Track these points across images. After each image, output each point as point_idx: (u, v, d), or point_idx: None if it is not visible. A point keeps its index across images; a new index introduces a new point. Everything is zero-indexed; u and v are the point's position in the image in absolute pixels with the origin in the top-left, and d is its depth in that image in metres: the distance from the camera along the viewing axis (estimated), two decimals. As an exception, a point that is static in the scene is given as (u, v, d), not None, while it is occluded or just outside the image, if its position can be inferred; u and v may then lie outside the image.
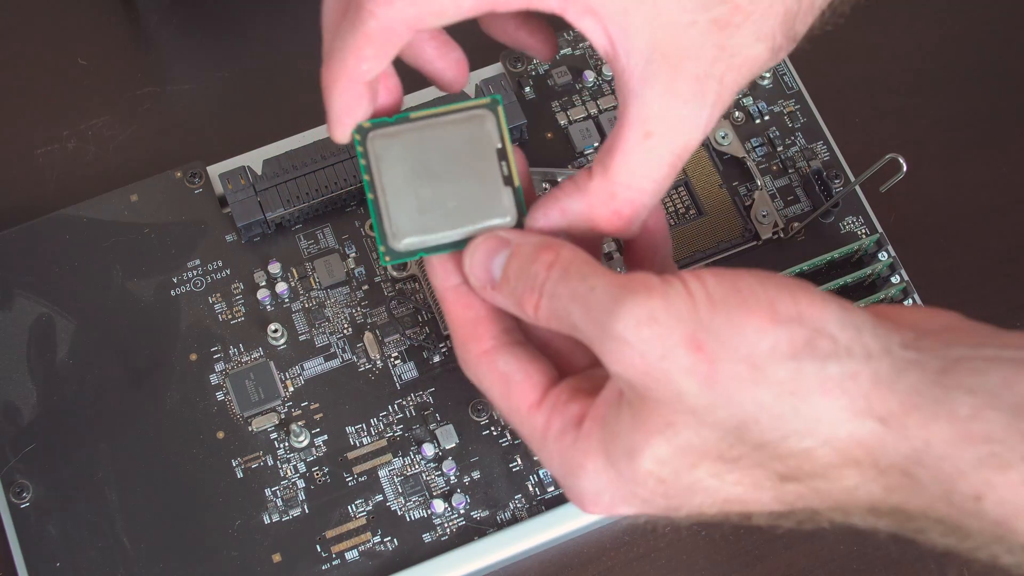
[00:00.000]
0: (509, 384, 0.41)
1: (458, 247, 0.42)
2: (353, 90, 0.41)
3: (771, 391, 0.35)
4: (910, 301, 0.56)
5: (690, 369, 0.35)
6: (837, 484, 0.36)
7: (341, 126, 0.42)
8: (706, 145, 0.59)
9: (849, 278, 0.56)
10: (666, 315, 0.36)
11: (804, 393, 0.35)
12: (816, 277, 0.57)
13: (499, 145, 0.42)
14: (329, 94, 0.41)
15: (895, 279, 0.56)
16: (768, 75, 0.61)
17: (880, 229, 0.58)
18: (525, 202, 0.42)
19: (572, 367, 0.42)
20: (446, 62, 0.45)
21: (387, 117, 0.42)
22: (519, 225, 0.42)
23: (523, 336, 0.43)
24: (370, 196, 0.42)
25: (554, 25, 0.52)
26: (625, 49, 0.39)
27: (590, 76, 0.61)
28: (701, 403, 0.36)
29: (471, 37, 0.45)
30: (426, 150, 0.42)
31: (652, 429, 0.37)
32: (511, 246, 0.40)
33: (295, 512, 0.53)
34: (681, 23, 0.38)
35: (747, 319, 0.35)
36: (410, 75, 0.47)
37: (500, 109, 0.42)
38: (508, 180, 0.42)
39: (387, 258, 0.42)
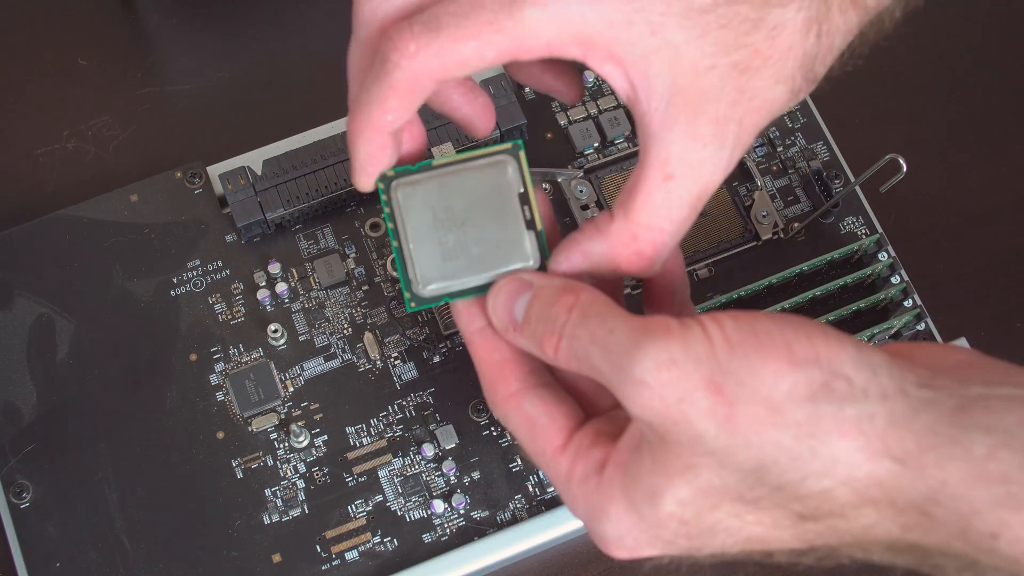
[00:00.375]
0: (535, 427, 0.42)
1: (482, 291, 0.43)
2: (378, 140, 0.41)
3: (789, 433, 0.35)
4: (910, 302, 0.56)
5: (709, 412, 0.36)
6: (855, 523, 0.36)
7: (366, 175, 0.43)
8: (706, 145, 0.59)
9: (849, 278, 0.56)
10: (685, 358, 0.36)
11: (822, 435, 0.35)
12: (816, 277, 0.57)
13: (521, 190, 0.43)
14: (354, 144, 0.42)
15: (895, 279, 0.56)
16: (768, 75, 0.61)
17: (880, 229, 0.58)
18: (548, 244, 0.43)
19: (596, 408, 0.43)
20: (473, 108, 0.45)
21: (410, 165, 0.43)
22: (542, 268, 0.42)
23: (550, 377, 0.43)
24: (395, 244, 0.43)
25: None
26: (646, 94, 0.39)
27: (590, 76, 0.61)
28: (720, 445, 0.36)
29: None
30: (449, 197, 0.43)
31: (673, 472, 0.37)
32: (533, 288, 0.41)
33: (295, 512, 0.53)
34: (701, 68, 0.39)
35: (765, 362, 0.36)
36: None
37: (522, 154, 0.43)
38: (530, 224, 0.43)
39: (412, 304, 0.43)
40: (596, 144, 0.59)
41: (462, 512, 0.53)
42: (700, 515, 0.38)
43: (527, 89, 0.60)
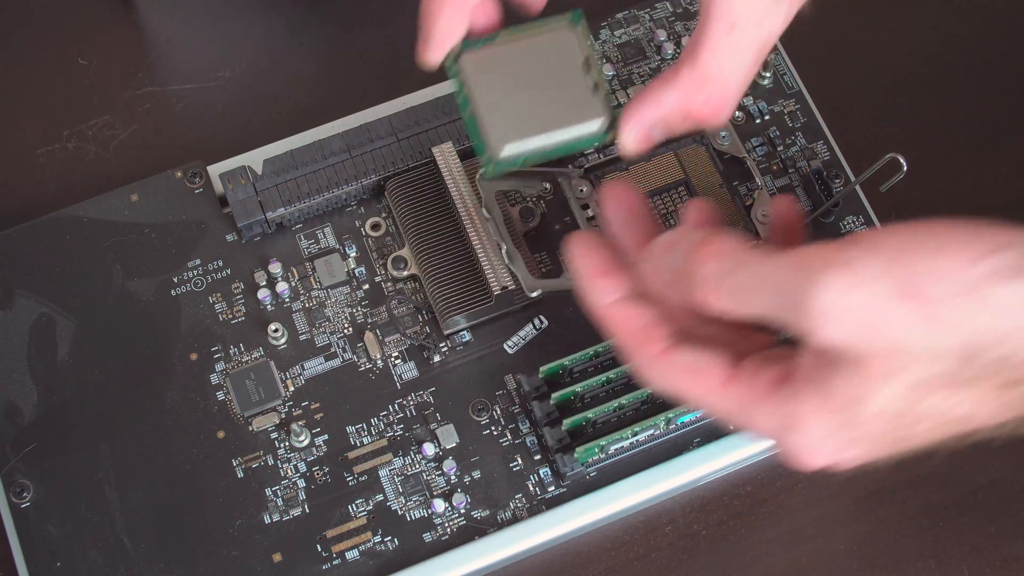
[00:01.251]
0: (696, 372, 0.41)
1: (556, 153, 0.44)
2: (459, 13, 0.44)
3: (994, 315, 0.36)
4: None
5: (909, 318, 0.36)
6: None
7: (440, 49, 0.44)
8: (706, 145, 0.59)
9: (849, 278, 0.56)
10: (870, 275, 0.36)
11: (1017, 309, 0.36)
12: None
13: (584, 56, 0.45)
14: (435, 17, 0.44)
15: (895, 279, 0.56)
16: (768, 75, 0.61)
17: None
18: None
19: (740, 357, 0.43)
20: None
21: (474, 41, 0.44)
22: (612, 126, 0.44)
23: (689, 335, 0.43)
24: (467, 115, 0.44)
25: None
26: None
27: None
28: (928, 344, 0.37)
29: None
30: (517, 66, 0.44)
31: (878, 378, 0.37)
32: (676, 242, 0.41)
33: (295, 512, 0.53)
34: None
35: (953, 256, 0.37)
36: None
37: (582, 23, 0.45)
38: (596, 86, 0.44)
39: (491, 168, 0.44)
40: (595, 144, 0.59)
41: (462, 511, 0.53)
42: (910, 408, 0.38)
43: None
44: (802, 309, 0.37)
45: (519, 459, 0.54)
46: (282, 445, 0.54)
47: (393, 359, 0.56)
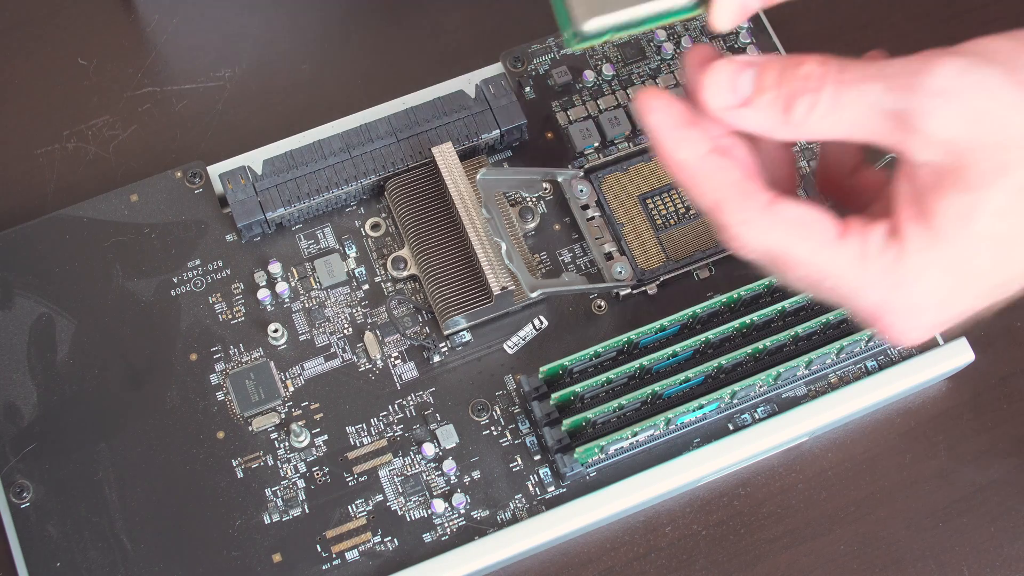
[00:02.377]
0: (807, 226, 0.39)
1: (646, 24, 0.41)
2: None
3: None
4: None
5: (1016, 104, 0.37)
6: None
7: None
8: (706, 145, 0.59)
9: (849, 278, 0.56)
10: (980, 61, 0.37)
11: None
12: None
13: None
14: None
15: (895, 279, 0.56)
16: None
17: (880, 229, 0.58)
18: None
19: None
20: None
21: None
22: (705, 1, 0.41)
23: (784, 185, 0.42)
24: None
25: (551, 29, 0.52)
26: None
27: (590, 76, 0.61)
28: None
29: (471, 37, 0.44)
30: None
31: (984, 182, 0.37)
32: (755, 63, 0.40)
33: (295, 512, 0.53)
34: None
35: None
36: (413, 72, 0.46)
37: None
38: None
39: (576, 40, 0.42)
40: (596, 144, 0.59)
41: (462, 512, 0.53)
42: (1016, 224, 0.38)
43: (527, 89, 0.60)
44: (923, 91, 0.37)
45: (519, 459, 0.54)
46: (282, 445, 0.54)
47: (393, 359, 0.56)
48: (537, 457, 0.54)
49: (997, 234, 0.38)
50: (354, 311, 0.57)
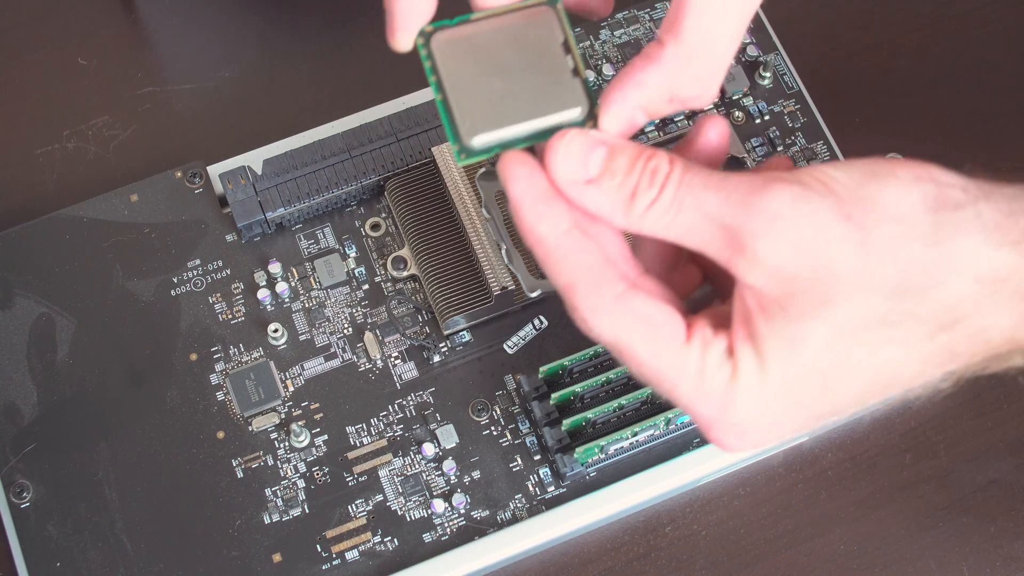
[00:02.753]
0: (653, 326, 0.39)
1: (532, 140, 0.41)
2: None
3: (919, 243, 0.37)
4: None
5: (844, 238, 0.37)
6: (986, 321, 0.38)
7: (408, 31, 0.41)
8: (706, 145, 0.59)
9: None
10: (813, 194, 0.37)
11: (947, 240, 0.38)
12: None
13: (563, 38, 0.42)
14: None
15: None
16: (768, 75, 0.61)
17: (880, 229, 0.58)
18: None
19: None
20: None
21: (447, 20, 0.42)
22: (592, 114, 0.41)
23: (640, 267, 0.41)
24: (439, 97, 0.41)
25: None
26: None
27: (590, 76, 0.61)
28: (857, 269, 0.37)
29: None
30: (491, 48, 0.41)
31: (808, 313, 0.38)
32: (608, 144, 0.40)
33: (295, 512, 0.53)
34: None
35: (882, 187, 0.38)
36: (399, 74, 0.46)
37: (559, 4, 0.42)
38: (575, 71, 0.42)
39: (462, 156, 0.41)
40: (596, 144, 0.59)
41: (462, 512, 0.53)
42: (839, 359, 0.38)
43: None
44: (756, 213, 0.37)
45: (519, 459, 0.54)
46: (282, 445, 0.54)
47: (393, 359, 0.56)
48: (537, 457, 0.54)
49: (821, 367, 0.38)
50: (354, 311, 0.57)
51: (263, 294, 0.56)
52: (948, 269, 0.38)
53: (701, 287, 0.44)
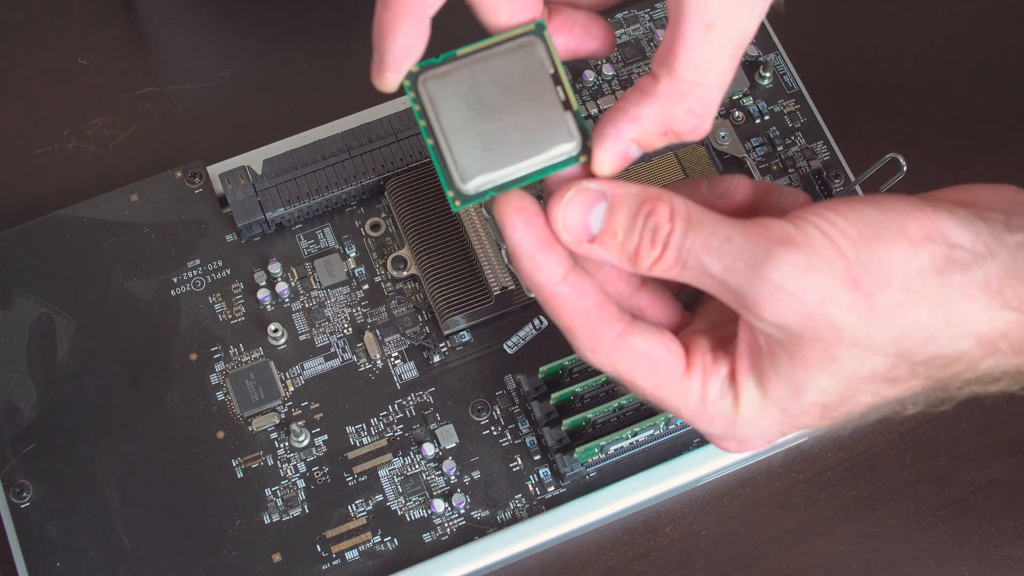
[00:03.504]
0: (653, 362, 0.41)
1: (527, 181, 0.41)
2: (416, 29, 0.39)
3: (925, 309, 0.38)
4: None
5: (850, 306, 0.38)
6: (978, 370, 0.40)
7: (398, 70, 0.40)
8: (706, 145, 0.59)
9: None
10: (819, 260, 0.38)
11: (953, 304, 0.38)
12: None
13: (552, 70, 0.41)
14: (389, 35, 0.39)
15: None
16: (768, 75, 0.61)
17: (880, 229, 0.58)
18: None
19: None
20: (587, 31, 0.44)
21: (433, 58, 0.41)
22: (586, 148, 0.41)
23: (633, 305, 0.43)
24: (429, 142, 0.41)
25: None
26: None
27: (590, 76, 0.61)
28: (862, 335, 0.38)
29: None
30: (480, 85, 0.41)
31: (813, 366, 0.39)
32: (608, 197, 0.40)
33: (295, 512, 0.53)
34: None
35: (890, 249, 0.38)
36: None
37: (546, 33, 0.41)
38: (567, 104, 0.41)
39: (457, 203, 0.41)
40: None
41: (462, 512, 0.53)
42: (843, 399, 0.40)
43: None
44: (759, 282, 0.38)
45: (519, 459, 0.54)
46: (282, 445, 0.54)
47: (393, 359, 0.56)
48: (537, 457, 0.54)
49: (823, 403, 0.40)
50: (354, 311, 0.57)
51: (263, 294, 0.56)
52: (951, 334, 0.38)
53: None
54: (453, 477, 0.54)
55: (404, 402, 0.55)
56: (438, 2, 0.39)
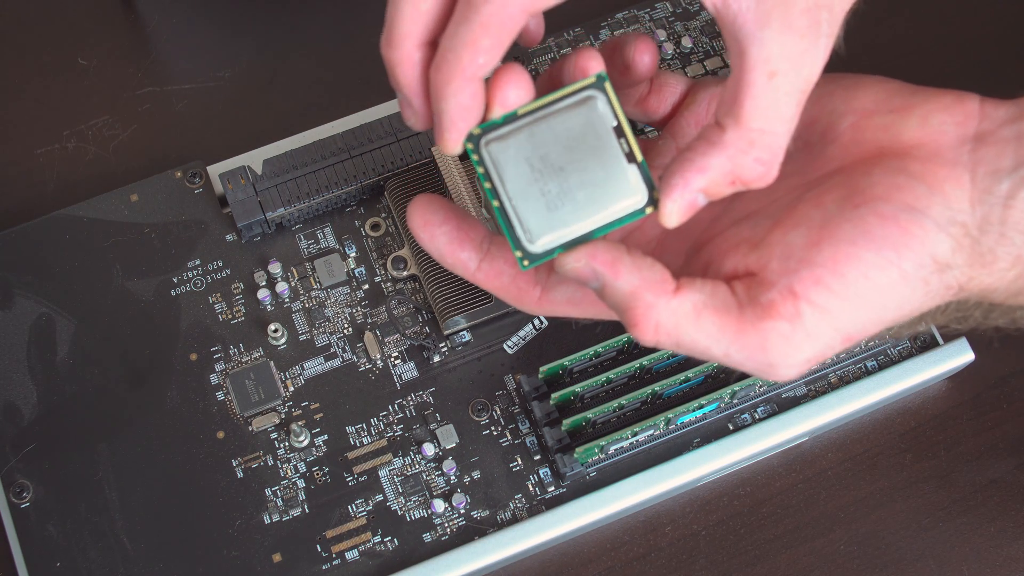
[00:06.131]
0: (576, 302, 0.43)
1: (594, 236, 0.41)
2: (469, 90, 0.38)
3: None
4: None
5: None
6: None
7: (457, 133, 0.39)
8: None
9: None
10: (807, 344, 0.40)
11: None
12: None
13: (615, 123, 0.41)
14: (443, 98, 0.39)
15: (895, 279, 0.56)
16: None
17: (880, 229, 0.58)
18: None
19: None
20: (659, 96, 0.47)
21: (495, 119, 0.40)
22: (652, 200, 0.41)
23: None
24: (495, 204, 0.41)
25: (552, 30, 0.52)
26: None
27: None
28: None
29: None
30: (543, 144, 0.40)
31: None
32: (599, 279, 0.41)
33: (295, 512, 0.53)
34: None
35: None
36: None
37: (607, 85, 0.41)
38: (631, 157, 0.41)
39: (526, 263, 0.41)
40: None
41: (462, 512, 0.53)
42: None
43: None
44: (762, 373, 0.41)
45: (519, 459, 0.54)
46: (282, 445, 0.54)
47: (393, 359, 0.56)
48: (537, 457, 0.54)
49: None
50: (354, 311, 0.57)
51: (263, 294, 0.56)
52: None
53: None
54: (453, 477, 0.54)
55: (404, 402, 0.55)
56: (490, 64, 0.38)
